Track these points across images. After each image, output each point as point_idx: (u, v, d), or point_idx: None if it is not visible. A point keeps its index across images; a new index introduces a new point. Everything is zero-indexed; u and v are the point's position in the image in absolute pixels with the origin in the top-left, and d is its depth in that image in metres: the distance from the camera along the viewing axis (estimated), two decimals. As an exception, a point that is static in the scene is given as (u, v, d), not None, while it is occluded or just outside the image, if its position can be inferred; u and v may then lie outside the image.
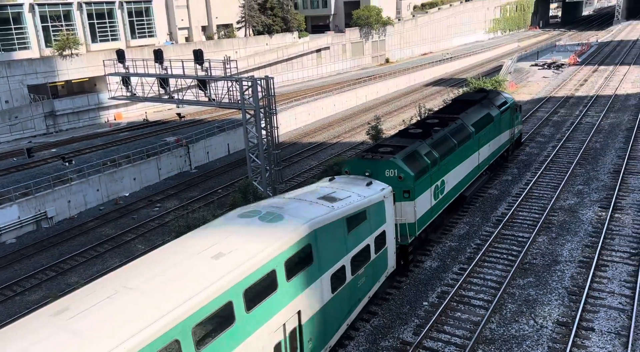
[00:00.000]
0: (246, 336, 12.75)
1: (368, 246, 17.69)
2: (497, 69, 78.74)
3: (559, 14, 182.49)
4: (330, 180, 19.93)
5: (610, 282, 20.39)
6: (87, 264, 28.49)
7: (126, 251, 29.58)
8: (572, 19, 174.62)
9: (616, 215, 26.18)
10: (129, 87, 35.40)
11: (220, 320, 12.14)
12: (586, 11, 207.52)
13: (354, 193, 17.86)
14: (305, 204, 16.48)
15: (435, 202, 23.40)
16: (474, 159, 27.77)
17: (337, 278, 16.11)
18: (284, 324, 14.00)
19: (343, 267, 16.36)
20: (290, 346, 14.41)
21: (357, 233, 17.06)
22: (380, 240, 18.54)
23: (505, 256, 23.00)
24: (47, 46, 56.70)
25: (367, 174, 20.69)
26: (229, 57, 33.67)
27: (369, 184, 19.05)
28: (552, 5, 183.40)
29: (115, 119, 58.08)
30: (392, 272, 20.04)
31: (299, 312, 14.52)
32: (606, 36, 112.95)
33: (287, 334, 14.19)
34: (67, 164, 39.27)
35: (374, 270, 18.40)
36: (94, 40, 61.62)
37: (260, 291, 13.17)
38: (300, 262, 14.49)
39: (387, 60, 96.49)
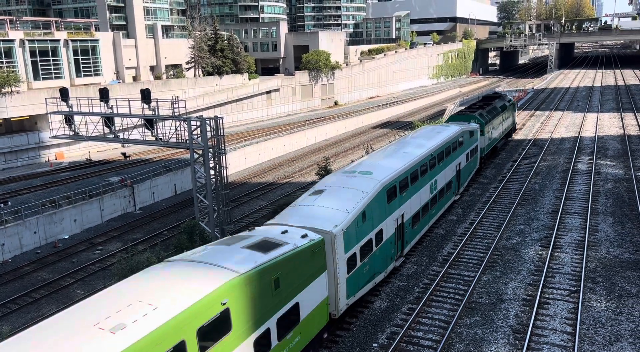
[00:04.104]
0: (436, 174, 30.20)
1: (473, 149, 38.06)
2: (441, 112, 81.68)
3: (498, 61, 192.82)
4: (447, 122, 39.26)
5: (553, 319, 20.93)
6: (21, 311, 26.83)
7: (64, 297, 28.08)
8: (510, 67, 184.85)
9: (556, 254, 27.15)
10: (72, 125, 34.41)
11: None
12: (522, 60, 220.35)
13: (465, 125, 37.67)
14: (452, 125, 37.01)
15: (489, 141, 44.17)
16: (500, 126, 48.97)
17: (467, 158, 36.29)
18: (455, 167, 33.78)
19: (468, 153, 36.55)
20: (450, 187, 33.36)
21: (470, 141, 37.24)
22: (475, 149, 39.09)
23: (452, 295, 23.28)
24: (-15, 83, 54.77)
25: (462, 121, 39.59)
26: (178, 96, 33.46)
27: (469, 122, 39.22)
28: (491, 54, 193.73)
29: (56, 159, 56.14)
30: (477, 169, 40.43)
31: (459, 170, 34.67)
32: (541, 83, 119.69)
33: (455, 175, 33.53)
34: (1, 205, 37.39)
35: (473, 162, 38.65)
36: (36, 77, 60.05)
37: (447, 153, 32.34)
38: (457, 145, 33.92)
39: (335, 103, 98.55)
